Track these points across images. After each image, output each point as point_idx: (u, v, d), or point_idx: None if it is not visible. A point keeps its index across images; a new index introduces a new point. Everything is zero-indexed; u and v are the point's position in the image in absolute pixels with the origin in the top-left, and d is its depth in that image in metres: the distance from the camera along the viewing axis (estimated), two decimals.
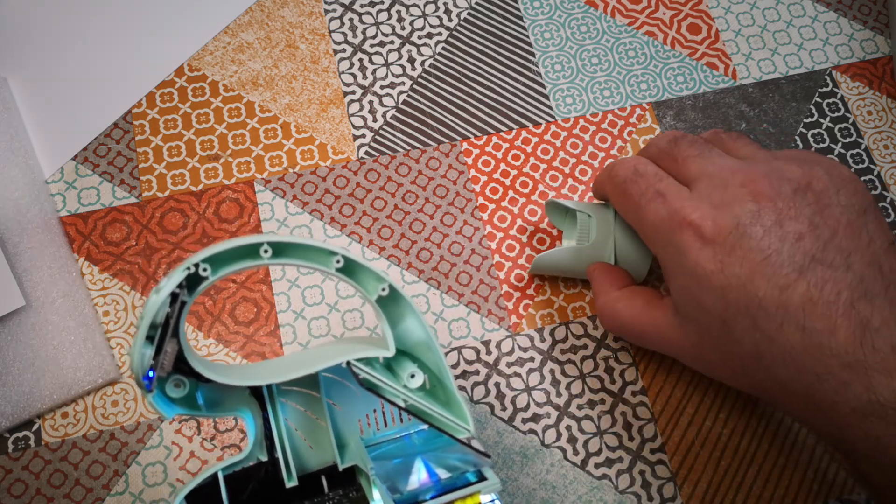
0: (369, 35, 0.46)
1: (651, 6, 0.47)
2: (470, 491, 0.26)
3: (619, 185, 0.32)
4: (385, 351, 0.27)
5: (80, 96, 0.44)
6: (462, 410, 0.28)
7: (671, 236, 0.29)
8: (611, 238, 0.37)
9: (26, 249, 0.39)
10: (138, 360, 0.23)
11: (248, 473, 0.27)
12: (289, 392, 0.29)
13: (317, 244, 0.25)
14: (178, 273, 0.24)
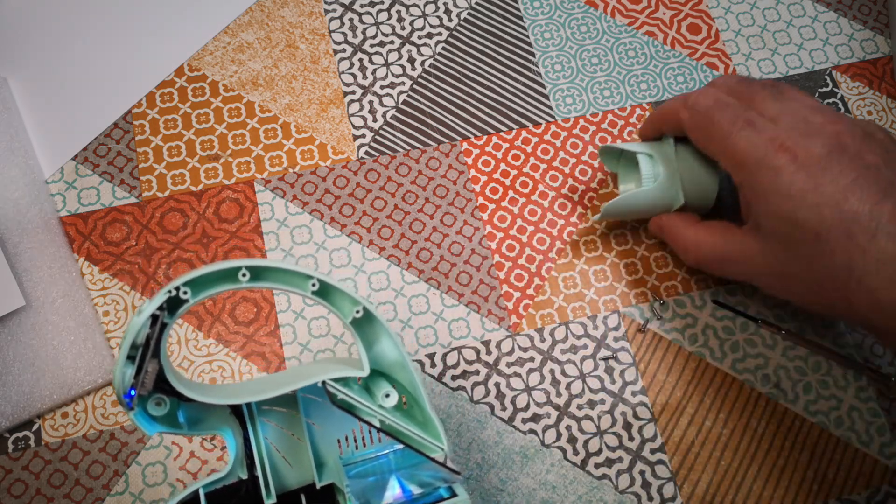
0: (369, 35, 0.46)
1: (651, 6, 0.47)
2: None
3: (702, 113, 0.34)
4: (359, 371, 0.28)
5: (80, 96, 0.44)
6: (436, 429, 0.28)
7: (766, 160, 0.31)
8: (676, 173, 0.38)
9: (26, 249, 0.39)
10: (119, 378, 0.24)
11: (228, 491, 0.28)
12: (269, 411, 0.29)
13: (292, 268, 0.26)
14: (160, 296, 0.25)
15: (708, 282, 0.41)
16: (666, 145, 0.38)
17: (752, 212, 0.33)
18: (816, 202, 0.29)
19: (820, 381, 0.39)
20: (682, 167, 0.38)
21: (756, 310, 0.41)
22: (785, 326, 0.40)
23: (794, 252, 0.31)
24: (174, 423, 0.27)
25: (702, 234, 0.36)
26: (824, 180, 0.30)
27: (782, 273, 0.32)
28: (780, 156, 0.31)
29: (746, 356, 0.40)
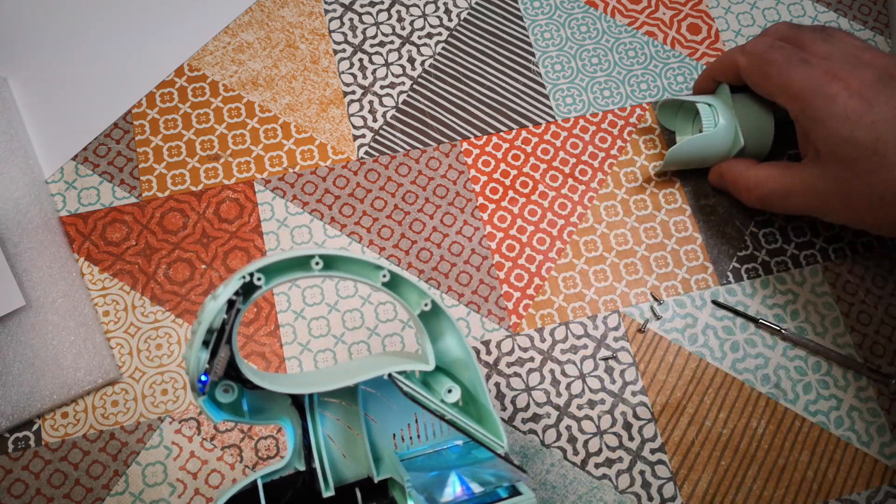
0: (369, 35, 0.46)
1: (651, 6, 0.47)
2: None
3: (759, 55, 0.37)
4: (424, 365, 0.27)
5: (80, 96, 0.44)
6: (497, 427, 0.28)
7: (822, 89, 0.34)
8: (734, 119, 0.40)
9: (26, 249, 0.39)
10: (195, 363, 0.24)
11: (285, 482, 0.28)
12: (328, 404, 0.29)
13: (366, 259, 0.26)
14: (235, 281, 0.24)
15: (708, 282, 0.41)
16: (723, 94, 0.41)
17: (811, 140, 0.35)
18: (872, 121, 0.32)
19: (820, 381, 0.39)
20: (740, 113, 0.40)
21: (756, 310, 0.41)
22: (785, 326, 0.40)
23: (853, 171, 0.33)
24: (238, 411, 0.27)
25: (763, 173, 0.38)
26: (878, 102, 0.32)
27: (845, 194, 0.34)
28: (835, 84, 0.33)
29: (746, 356, 0.40)
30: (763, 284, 0.41)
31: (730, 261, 0.42)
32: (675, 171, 0.43)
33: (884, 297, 0.41)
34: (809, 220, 0.43)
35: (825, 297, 0.41)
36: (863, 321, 0.40)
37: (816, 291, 0.41)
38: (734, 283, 0.41)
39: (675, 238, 0.42)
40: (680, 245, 0.42)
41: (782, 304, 0.41)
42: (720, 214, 0.43)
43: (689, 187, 0.43)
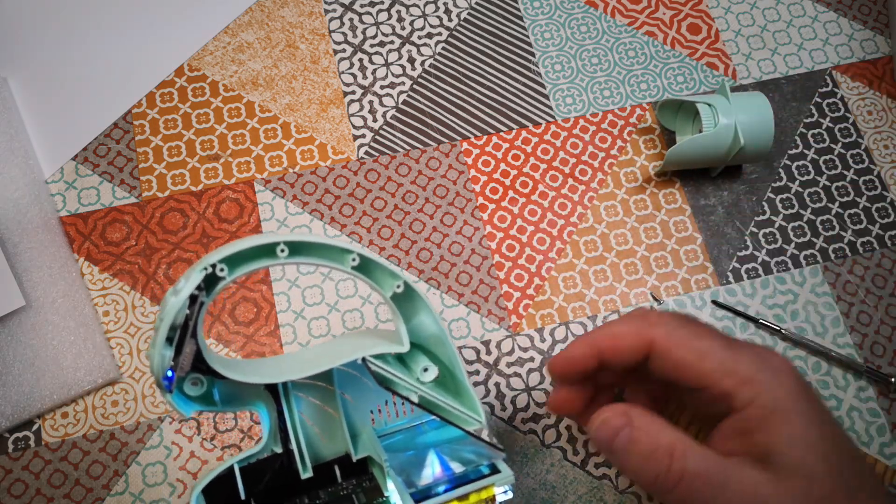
0: (369, 35, 0.46)
1: (651, 6, 0.47)
2: (484, 483, 0.26)
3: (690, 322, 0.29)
4: (399, 346, 0.27)
5: (80, 96, 0.44)
6: (473, 402, 0.28)
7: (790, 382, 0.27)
8: (734, 120, 0.40)
9: (26, 249, 0.39)
10: (158, 361, 0.24)
11: (263, 465, 0.28)
12: (303, 385, 0.29)
13: (332, 242, 0.25)
14: (196, 274, 0.23)
15: (708, 282, 0.41)
16: (723, 94, 0.41)
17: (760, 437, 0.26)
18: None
19: (820, 381, 0.39)
20: (740, 115, 0.40)
21: (756, 310, 0.41)
22: (785, 326, 0.40)
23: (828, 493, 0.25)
24: (209, 401, 0.27)
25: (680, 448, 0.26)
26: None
27: None
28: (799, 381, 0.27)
29: None
30: (763, 284, 0.41)
31: (730, 261, 0.42)
32: (675, 171, 0.43)
33: (884, 297, 0.41)
34: (809, 219, 0.43)
35: (825, 297, 0.41)
36: (863, 321, 0.40)
37: (816, 291, 0.41)
38: (734, 283, 0.41)
39: (675, 238, 0.42)
40: (680, 245, 0.42)
41: (782, 304, 0.41)
42: (720, 214, 0.43)
43: (689, 187, 0.43)
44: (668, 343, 0.28)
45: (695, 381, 0.27)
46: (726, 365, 0.27)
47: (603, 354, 0.29)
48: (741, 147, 0.39)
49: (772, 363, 0.27)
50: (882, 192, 0.43)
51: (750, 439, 0.26)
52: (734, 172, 0.43)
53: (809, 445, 0.25)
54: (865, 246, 0.42)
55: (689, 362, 0.27)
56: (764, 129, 0.40)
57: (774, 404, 0.26)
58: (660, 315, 0.29)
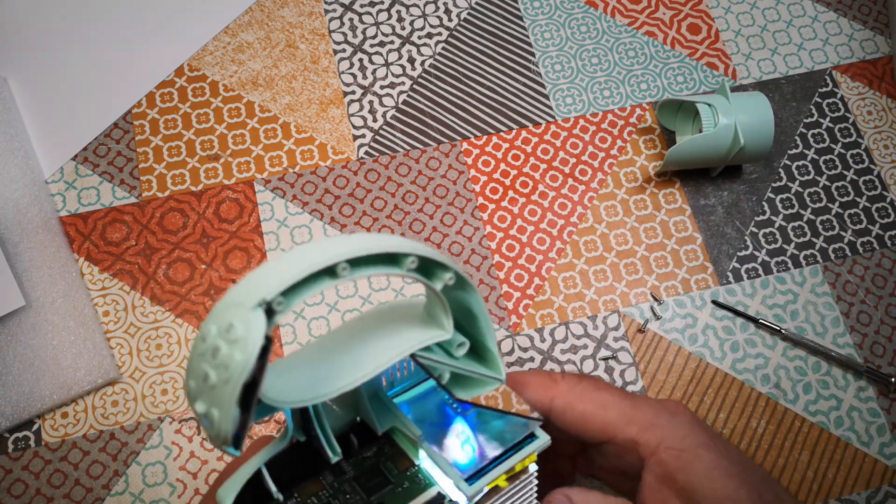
0: (369, 35, 0.46)
1: (651, 6, 0.47)
2: (528, 452, 0.25)
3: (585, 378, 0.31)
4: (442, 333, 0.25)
5: (80, 96, 0.44)
6: (497, 365, 0.27)
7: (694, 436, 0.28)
8: (734, 120, 0.40)
9: (26, 249, 0.39)
10: (228, 425, 0.20)
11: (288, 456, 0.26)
12: None
13: (394, 248, 0.22)
14: (254, 315, 0.19)
15: (708, 282, 0.41)
16: (723, 94, 0.41)
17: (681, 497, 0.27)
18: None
19: (820, 381, 0.39)
20: (740, 115, 0.40)
21: (756, 310, 0.41)
22: (785, 326, 0.40)
23: None
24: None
25: None
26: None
27: None
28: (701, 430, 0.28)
29: (746, 356, 0.40)
30: (763, 284, 0.41)
31: (730, 261, 0.42)
32: (675, 171, 0.43)
33: (884, 297, 0.41)
34: (809, 219, 0.43)
35: (825, 297, 0.41)
36: (863, 321, 0.40)
37: (816, 291, 0.41)
38: (734, 283, 0.41)
39: (675, 238, 0.42)
40: (680, 245, 0.42)
41: (782, 304, 0.41)
42: (720, 214, 0.43)
43: (689, 187, 0.43)
44: (570, 396, 0.29)
45: (600, 433, 0.28)
46: (627, 413, 0.28)
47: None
48: (741, 147, 0.39)
49: (668, 407, 0.28)
50: (882, 192, 0.43)
51: (674, 483, 0.27)
52: (734, 172, 0.43)
53: (727, 475, 0.26)
54: (865, 246, 0.42)
55: (591, 413, 0.29)
56: (764, 129, 0.40)
57: (682, 444, 0.27)
58: (561, 374, 0.30)
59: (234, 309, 0.19)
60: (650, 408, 0.28)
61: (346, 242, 0.21)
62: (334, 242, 0.21)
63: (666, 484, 0.27)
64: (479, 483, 0.24)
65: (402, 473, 0.26)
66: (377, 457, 0.27)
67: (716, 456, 0.26)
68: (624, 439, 0.28)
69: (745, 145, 0.40)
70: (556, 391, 0.29)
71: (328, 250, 0.20)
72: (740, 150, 0.40)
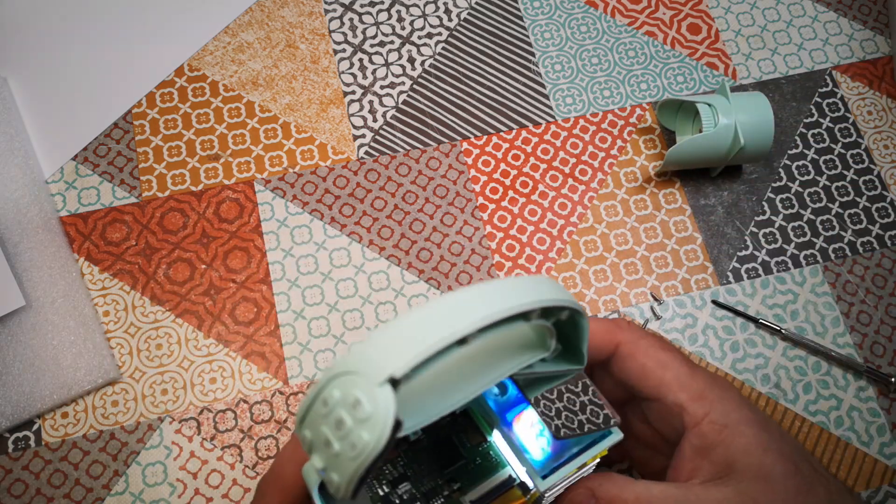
0: (369, 35, 0.46)
1: (651, 6, 0.47)
2: (602, 447, 0.25)
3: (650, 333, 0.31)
4: (546, 352, 0.24)
5: (80, 96, 0.44)
6: (583, 356, 0.25)
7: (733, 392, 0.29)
8: (734, 120, 0.40)
9: (26, 249, 0.39)
10: (350, 489, 0.19)
11: None
12: None
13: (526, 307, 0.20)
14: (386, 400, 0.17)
15: (708, 282, 0.41)
16: (723, 94, 0.41)
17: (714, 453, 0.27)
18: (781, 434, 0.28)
19: (820, 381, 0.39)
20: (740, 115, 0.40)
21: (756, 310, 0.41)
22: (785, 326, 0.40)
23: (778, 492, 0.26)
24: None
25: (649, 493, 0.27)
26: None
27: None
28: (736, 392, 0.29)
29: (746, 356, 0.40)
30: (763, 284, 0.41)
31: (730, 261, 0.42)
32: (675, 171, 0.43)
33: (884, 297, 0.41)
34: (809, 219, 0.43)
35: (825, 297, 0.41)
36: (863, 321, 0.40)
37: (816, 291, 0.41)
38: (734, 283, 0.41)
39: (675, 238, 0.42)
40: (680, 245, 0.42)
41: (782, 304, 0.41)
42: (720, 214, 0.43)
43: (689, 187, 0.43)
44: (634, 348, 0.29)
45: (653, 390, 0.29)
46: (683, 378, 0.28)
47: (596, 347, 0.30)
48: (741, 147, 0.39)
49: (719, 382, 0.29)
50: (882, 192, 0.43)
51: (710, 455, 0.27)
52: (734, 172, 0.43)
53: (765, 450, 0.26)
54: (865, 246, 0.42)
55: (650, 369, 0.29)
56: (764, 129, 0.40)
57: (726, 419, 0.27)
58: (629, 322, 0.30)
59: (361, 378, 0.18)
60: (704, 379, 0.28)
61: (477, 305, 0.19)
62: (466, 304, 0.19)
63: (702, 455, 0.27)
64: (553, 478, 0.24)
65: (475, 448, 0.26)
66: (451, 426, 0.26)
67: (757, 431, 0.27)
68: (673, 402, 0.28)
69: (745, 145, 0.40)
70: (620, 337, 0.29)
71: (463, 316, 0.19)
72: (740, 150, 0.40)
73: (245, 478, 0.37)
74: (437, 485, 0.25)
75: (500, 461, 0.25)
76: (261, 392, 0.38)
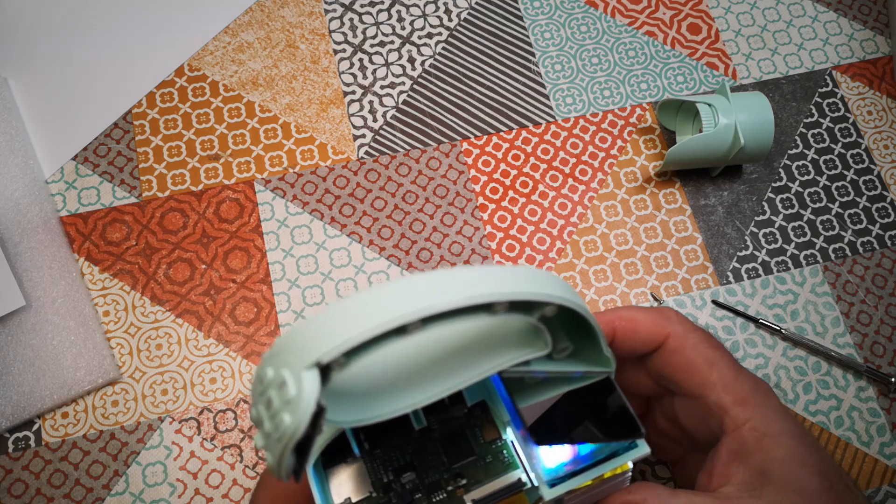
0: (369, 35, 0.46)
1: (651, 6, 0.47)
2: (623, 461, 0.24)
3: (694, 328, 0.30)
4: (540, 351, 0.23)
5: (80, 96, 0.44)
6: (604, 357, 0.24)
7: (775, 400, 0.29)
8: (734, 120, 0.40)
9: (26, 249, 0.39)
10: (284, 471, 0.18)
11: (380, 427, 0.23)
12: None
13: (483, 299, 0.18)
14: (310, 384, 0.17)
15: (708, 282, 0.41)
16: (723, 94, 0.41)
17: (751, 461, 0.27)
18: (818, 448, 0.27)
19: (820, 381, 0.39)
20: (740, 115, 0.40)
21: (756, 310, 0.41)
22: (785, 326, 0.40)
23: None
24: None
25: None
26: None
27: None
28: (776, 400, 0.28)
29: (746, 356, 0.40)
30: (763, 284, 0.41)
31: (730, 261, 0.42)
32: (675, 171, 0.43)
33: (884, 297, 0.41)
34: (809, 219, 0.43)
35: (825, 297, 0.41)
36: (863, 321, 0.40)
37: (816, 291, 0.41)
38: (734, 283, 0.41)
39: (675, 238, 0.42)
40: (680, 245, 0.42)
41: (782, 304, 0.41)
42: (720, 214, 0.43)
43: (689, 187, 0.43)
44: (683, 342, 0.28)
45: (696, 388, 0.28)
46: (728, 380, 0.27)
47: (616, 334, 0.29)
48: (741, 147, 0.39)
49: (762, 386, 0.28)
50: (882, 192, 0.43)
51: (747, 462, 0.26)
52: (734, 172, 0.43)
53: (802, 464, 0.26)
54: (865, 246, 0.42)
55: (697, 366, 0.28)
56: (764, 129, 0.40)
57: (767, 428, 0.27)
58: (677, 314, 0.29)
59: (291, 358, 0.17)
60: (749, 383, 0.27)
61: (422, 292, 0.17)
62: (410, 290, 0.17)
63: (739, 460, 0.26)
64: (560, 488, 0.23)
65: (488, 445, 0.24)
66: (466, 419, 0.25)
67: (796, 444, 0.26)
68: (715, 403, 0.27)
69: (745, 145, 0.40)
70: (670, 329, 0.28)
71: (403, 303, 0.17)
72: (740, 150, 0.40)
73: (245, 478, 0.37)
74: (441, 478, 0.24)
75: (513, 462, 0.24)
76: None
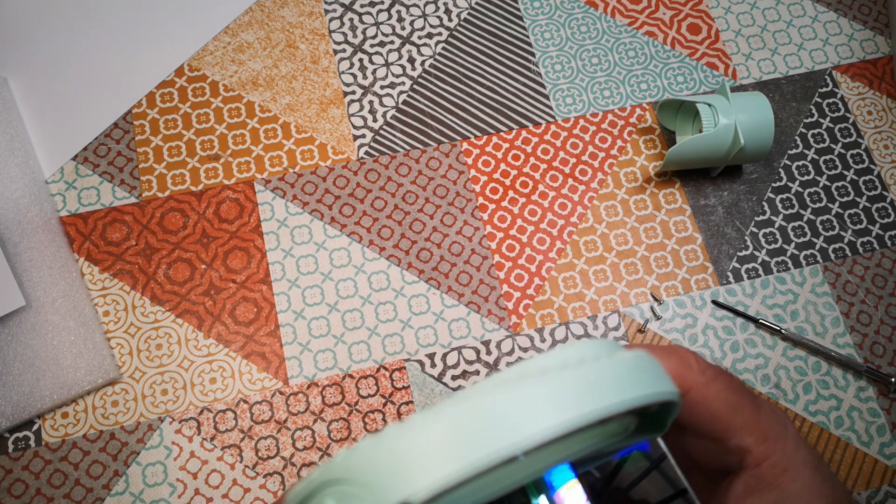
0: (369, 35, 0.46)
1: (651, 6, 0.47)
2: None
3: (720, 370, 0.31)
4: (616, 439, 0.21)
5: (80, 96, 0.44)
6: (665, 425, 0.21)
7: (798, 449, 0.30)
8: (734, 120, 0.40)
9: (26, 249, 0.39)
10: None
11: None
12: None
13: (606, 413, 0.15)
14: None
15: (708, 282, 0.41)
16: (723, 94, 0.41)
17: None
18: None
19: (820, 381, 0.39)
20: (740, 115, 0.40)
21: (756, 310, 0.41)
22: (785, 326, 0.40)
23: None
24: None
25: None
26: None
27: None
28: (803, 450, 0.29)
29: (746, 356, 0.40)
30: (763, 284, 0.41)
31: (730, 261, 0.42)
32: (675, 171, 0.43)
33: (884, 297, 0.41)
34: (809, 219, 0.43)
35: (825, 297, 0.41)
36: (863, 321, 0.40)
37: (816, 291, 0.41)
38: (734, 283, 0.41)
39: (675, 238, 0.42)
40: (680, 245, 0.42)
41: (782, 304, 0.41)
42: (720, 214, 0.43)
43: (689, 187, 0.43)
44: (706, 393, 0.29)
45: (719, 433, 0.29)
46: (751, 422, 0.28)
47: None
48: (741, 147, 0.39)
49: (779, 417, 0.29)
50: (882, 192, 0.43)
51: (762, 495, 0.27)
52: (734, 172, 0.43)
53: (818, 495, 0.26)
54: (865, 246, 0.42)
55: (721, 414, 0.29)
56: (764, 129, 0.40)
57: (787, 462, 0.27)
58: (696, 358, 0.30)
59: (365, 493, 0.14)
60: (768, 416, 0.28)
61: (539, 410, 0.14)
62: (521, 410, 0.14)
63: (754, 495, 0.27)
64: None
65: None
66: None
67: (811, 474, 0.26)
68: (737, 446, 0.28)
69: (745, 145, 0.40)
70: (692, 381, 0.28)
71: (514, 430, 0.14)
72: (740, 150, 0.40)
73: (245, 478, 0.37)
74: None
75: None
76: (261, 392, 0.38)
